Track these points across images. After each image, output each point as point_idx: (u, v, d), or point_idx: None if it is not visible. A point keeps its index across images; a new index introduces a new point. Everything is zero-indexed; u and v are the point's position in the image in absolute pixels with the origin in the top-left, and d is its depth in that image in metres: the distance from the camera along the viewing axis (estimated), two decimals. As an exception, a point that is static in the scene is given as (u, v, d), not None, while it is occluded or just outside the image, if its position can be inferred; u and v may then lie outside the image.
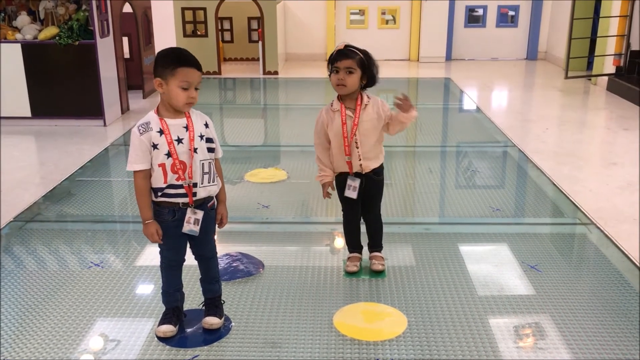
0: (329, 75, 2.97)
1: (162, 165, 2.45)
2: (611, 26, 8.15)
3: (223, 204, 2.69)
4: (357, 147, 2.99)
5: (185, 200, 2.51)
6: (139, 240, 3.68)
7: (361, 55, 2.92)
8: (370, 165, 3.05)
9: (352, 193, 3.08)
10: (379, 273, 3.23)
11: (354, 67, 2.89)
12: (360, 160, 3.01)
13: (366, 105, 2.98)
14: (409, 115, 2.92)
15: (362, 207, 3.18)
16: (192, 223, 2.53)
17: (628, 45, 7.96)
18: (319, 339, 2.69)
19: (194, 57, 2.45)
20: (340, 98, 3.00)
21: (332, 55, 2.96)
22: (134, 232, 3.87)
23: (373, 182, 3.10)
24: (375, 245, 3.32)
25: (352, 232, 3.28)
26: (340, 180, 3.11)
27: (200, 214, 2.54)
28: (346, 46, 2.94)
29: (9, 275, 3.28)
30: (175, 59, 2.41)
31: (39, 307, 2.96)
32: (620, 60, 8.05)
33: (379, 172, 3.11)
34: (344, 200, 3.15)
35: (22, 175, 4.90)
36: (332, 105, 3.04)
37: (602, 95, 7.92)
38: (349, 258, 3.30)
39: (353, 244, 3.31)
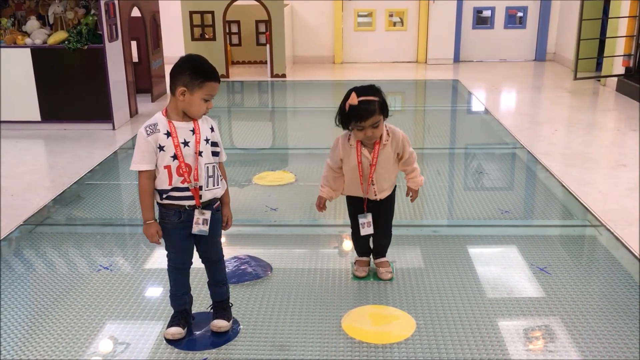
0: (341, 124, 2.81)
1: (168, 168, 2.47)
2: (620, 27, 8.10)
3: (227, 206, 2.70)
4: (374, 184, 2.94)
5: (191, 202, 2.52)
6: (147, 243, 3.69)
7: (377, 99, 2.74)
8: (385, 195, 3.01)
9: (367, 230, 3.05)
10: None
11: (378, 118, 2.74)
12: (376, 194, 2.98)
13: (385, 145, 2.85)
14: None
15: (374, 224, 3.09)
16: (200, 223, 2.55)
17: (637, 45, 7.91)
18: (327, 342, 2.69)
19: (217, 71, 2.49)
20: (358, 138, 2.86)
21: (345, 110, 2.74)
22: (142, 235, 3.86)
23: (386, 199, 3.05)
24: (380, 253, 3.26)
25: (360, 243, 3.24)
26: (352, 202, 3.08)
27: (208, 214, 2.55)
28: (359, 98, 2.70)
29: (19, 278, 3.30)
30: (205, 73, 2.43)
31: (49, 309, 2.97)
32: (630, 61, 8.00)
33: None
34: (353, 219, 3.11)
35: (32, 179, 4.94)
36: (349, 139, 2.89)
37: (612, 97, 7.87)
38: (356, 262, 3.29)
39: (361, 251, 3.29)
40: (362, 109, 2.71)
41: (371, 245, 3.29)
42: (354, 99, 2.72)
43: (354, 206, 3.09)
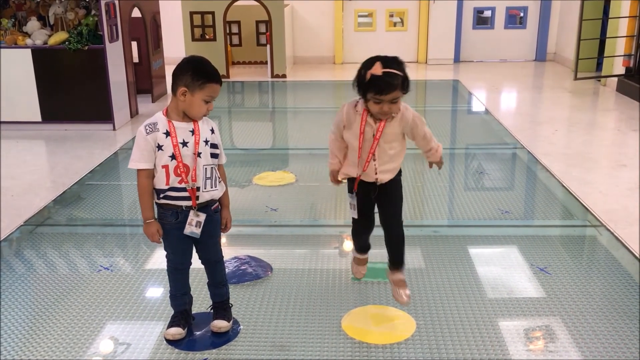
0: (358, 91, 2.58)
1: (166, 167, 2.47)
2: (620, 27, 8.10)
3: (227, 209, 2.70)
4: (375, 160, 2.67)
5: (188, 203, 2.52)
6: (148, 243, 3.69)
7: (401, 74, 2.52)
8: (386, 178, 2.71)
9: (353, 212, 2.84)
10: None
11: (399, 94, 2.52)
12: (376, 173, 2.69)
13: (393, 118, 2.62)
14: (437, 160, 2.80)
15: (380, 213, 2.88)
16: (193, 225, 2.54)
17: (638, 45, 7.91)
18: (327, 342, 2.69)
19: (219, 73, 2.49)
20: (370, 110, 2.61)
21: (364, 78, 2.52)
22: (143, 235, 3.86)
23: (389, 184, 2.74)
24: (398, 262, 2.85)
25: (361, 240, 2.99)
26: (351, 186, 2.85)
27: (202, 217, 2.55)
28: (384, 69, 2.48)
29: (19, 278, 3.31)
30: (207, 75, 2.44)
31: (50, 310, 2.98)
32: (630, 61, 7.99)
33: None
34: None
35: (32, 180, 4.94)
36: (355, 106, 2.66)
37: (612, 97, 7.87)
38: (355, 259, 3.08)
39: (361, 247, 3.04)
40: (385, 82, 2.48)
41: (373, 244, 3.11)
42: (377, 69, 2.48)
43: (357, 191, 2.77)
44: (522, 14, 11.00)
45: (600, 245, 3.77)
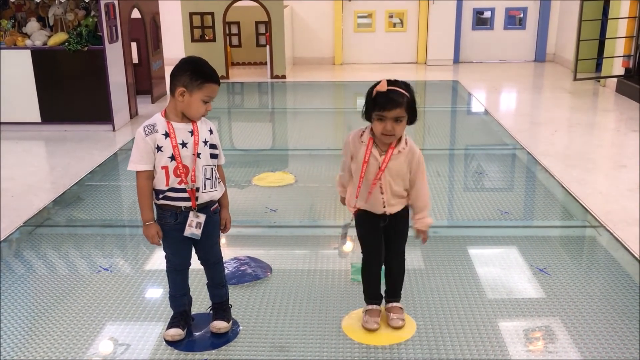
0: (365, 114, 2.58)
1: (165, 168, 2.47)
2: (620, 27, 8.11)
3: (226, 209, 2.70)
4: (382, 193, 2.62)
5: (187, 204, 2.52)
6: (147, 244, 3.68)
7: (408, 95, 2.52)
8: (394, 210, 2.68)
9: (342, 242, 2.88)
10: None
11: (403, 114, 2.51)
12: (385, 207, 2.65)
13: (400, 152, 2.59)
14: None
15: (385, 248, 2.80)
16: (194, 226, 2.54)
17: (637, 46, 7.91)
18: (327, 343, 2.69)
19: (217, 73, 2.50)
20: (374, 132, 2.58)
21: (372, 96, 2.53)
22: (142, 236, 3.87)
23: (398, 217, 2.72)
24: (394, 294, 2.88)
25: (372, 279, 2.84)
26: (364, 217, 2.72)
27: (202, 218, 2.55)
28: (389, 87, 2.51)
29: (19, 279, 3.31)
30: (205, 75, 2.44)
31: (49, 310, 2.98)
32: (629, 62, 8.00)
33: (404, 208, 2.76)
34: (364, 240, 2.78)
35: (32, 181, 4.94)
36: (361, 135, 2.63)
37: (611, 97, 7.87)
38: (367, 311, 2.84)
39: (373, 294, 2.86)
40: (389, 98, 2.50)
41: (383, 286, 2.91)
42: (383, 86, 2.52)
43: (365, 223, 2.73)
44: (521, 15, 11.01)
45: (599, 246, 3.77)
